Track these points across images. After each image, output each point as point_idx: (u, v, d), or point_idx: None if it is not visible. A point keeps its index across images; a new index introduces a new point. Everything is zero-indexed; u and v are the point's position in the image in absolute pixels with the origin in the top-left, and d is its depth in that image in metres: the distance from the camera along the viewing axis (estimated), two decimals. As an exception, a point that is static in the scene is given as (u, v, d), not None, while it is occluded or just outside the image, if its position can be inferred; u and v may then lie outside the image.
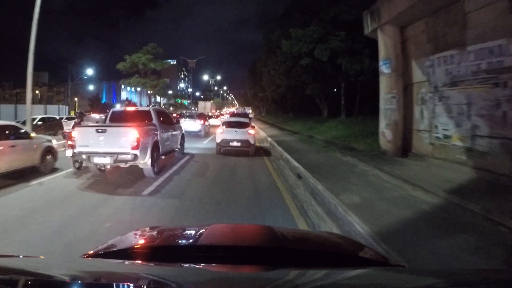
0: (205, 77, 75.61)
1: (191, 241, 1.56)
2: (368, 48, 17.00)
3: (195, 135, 17.84)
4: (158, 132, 7.79)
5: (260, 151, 11.73)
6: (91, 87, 49.70)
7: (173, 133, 9.48)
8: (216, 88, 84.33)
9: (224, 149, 10.79)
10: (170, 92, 41.77)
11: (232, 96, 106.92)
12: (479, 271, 1.63)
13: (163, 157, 8.23)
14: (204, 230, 1.56)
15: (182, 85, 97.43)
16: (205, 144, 14.78)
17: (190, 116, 20.30)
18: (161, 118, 8.67)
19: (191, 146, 12.82)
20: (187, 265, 1.19)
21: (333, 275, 1.08)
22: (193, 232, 1.68)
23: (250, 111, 62.21)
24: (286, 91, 27.99)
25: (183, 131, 11.16)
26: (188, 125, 17.86)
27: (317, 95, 22.93)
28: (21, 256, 1.23)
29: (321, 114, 24.72)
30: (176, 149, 9.91)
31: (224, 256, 1.27)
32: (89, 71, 36.94)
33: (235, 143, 10.50)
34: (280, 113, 43.59)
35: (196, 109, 55.11)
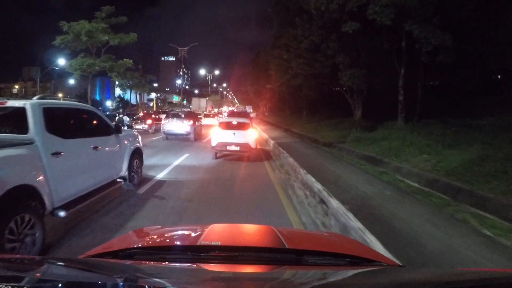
0: (202, 72, 69.48)
1: (191, 241, 1.54)
2: (439, 14, 11.00)
3: (184, 138, 14.87)
4: (41, 158, 3.51)
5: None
6: (71, 81, 42.69)
7: (106, 150, 5.10)
8: (215, 85, 79.14)
9: (220, 154, 10.07)
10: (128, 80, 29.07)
11: (232, 94, 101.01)
12: (479, 271, 1.58)
13: (61, 214, 3.60)
14: (204, 230, 1.56)
15: (179, 81, 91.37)
16: (189, 155, 10.30)
17: (176, 116, 16.38)
18: (60, 124, 4.14)
19: (162, 163, 8.50)
20: (187, 265, 1.21)
21: (333, 275, 1.10)
22: (193, 232, 1.66)
23: (251, 110, 56.42)
24: (304, 81, 20.88)
25: (138, 144, 6.46)
26: (174, 126, 15.09)
27: (351, 89, 16.38)
28: (19, 256, 1.29)
29: (350, 115, 18.50)
30: (118, 180, 5.45)
31: (224, 256, 1.25)
32: (61, 61, 29.43)
33: (233, 147, 9.59)
34: (288, 113, 37.12)
35: (190, 106, 50.22)
